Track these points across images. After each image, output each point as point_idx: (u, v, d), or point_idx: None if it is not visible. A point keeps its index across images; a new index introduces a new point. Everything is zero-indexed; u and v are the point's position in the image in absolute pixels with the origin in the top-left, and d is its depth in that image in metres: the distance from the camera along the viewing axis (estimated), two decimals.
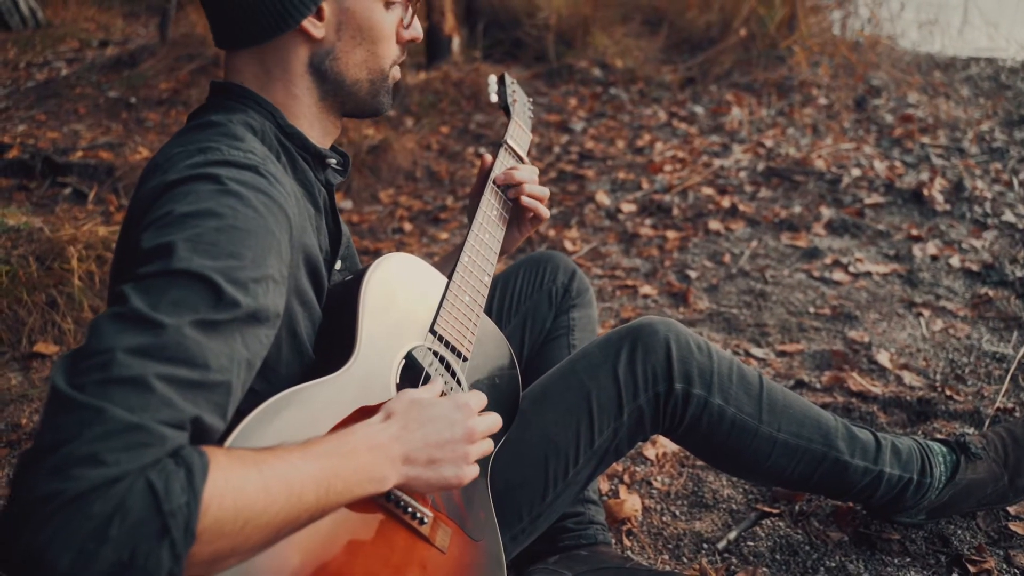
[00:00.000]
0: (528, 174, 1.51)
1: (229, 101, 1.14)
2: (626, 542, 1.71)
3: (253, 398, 0.95)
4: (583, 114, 5.01)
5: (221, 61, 5.04)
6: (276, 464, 0.82)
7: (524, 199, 1.49)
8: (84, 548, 0.67)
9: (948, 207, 3.28)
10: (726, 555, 1.66)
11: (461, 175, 4.25)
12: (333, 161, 1.25)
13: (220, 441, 0.87)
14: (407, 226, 3.69)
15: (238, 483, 0.77)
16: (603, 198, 3.70)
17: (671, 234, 3.28)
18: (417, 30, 1.26)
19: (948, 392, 2.10)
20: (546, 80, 5.61)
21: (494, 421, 1.11)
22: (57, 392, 0.73)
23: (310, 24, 1.12)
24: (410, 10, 1.24)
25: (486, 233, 1.44)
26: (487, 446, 1.10)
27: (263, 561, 0.87)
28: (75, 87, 5.19)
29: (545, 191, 1.53)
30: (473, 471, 1.06)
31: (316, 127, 1.21)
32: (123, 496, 0.69)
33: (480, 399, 1.11)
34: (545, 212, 1.53)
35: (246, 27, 1.11)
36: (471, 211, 1.51)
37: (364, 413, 1.04)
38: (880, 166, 3.71)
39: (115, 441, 0.71)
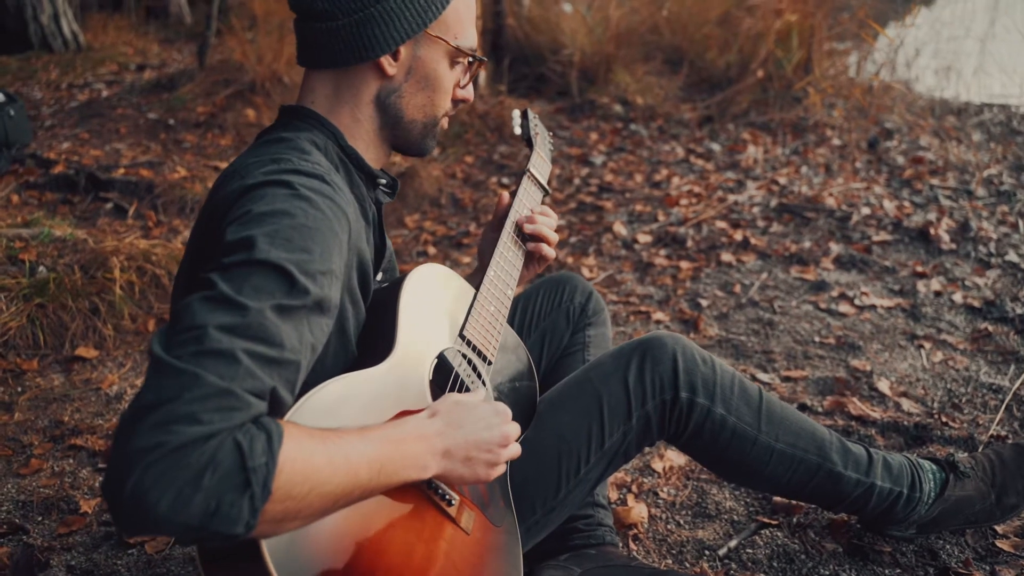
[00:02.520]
0: (547, 220, 1.63)
1: (296, 121, 1.29)
2: (632, 546, 1.82)
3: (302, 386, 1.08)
4: (603, 148, 5.17)
5: (258, 88, 5.25)
6: (338, 442, 0.94)
7: (527, 227, 1.59)
8: (182, 492, 0.78)
9: (954, 246, 3.40)
10: (726, 561, 1.76)
11: (484, 203, 4.40)
12: (383, 182, 1.39)
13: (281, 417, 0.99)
14: (431, 250, 3.84)
15: (307, 452, 0.89)
16: (620, 229, 3.83)
17: (684, 264, 3.41)
18: (470, 92, 1.41)
19: (944, 419, 2.20)
20: (568, 115, 5.78)
21: (519, 429, 1.24)
22: (158, 359, 0.84)
23: (386, 61, 1.27)
24: (468, 75, 1.39)
25: (510, 252, 1.58)
26: (516, 450, 1.22)
27: (319, 529, 0.98)
28: (116, 108, 5.42)
29: (554, 236, 1.63)
30: (500, 470, 1.19)
31: (371, 151, 1.35)
32: (215, 451, 0.80)
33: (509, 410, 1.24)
34: (549, 252, 1.63)
35: (330, 50, 1.25)
36: (486, 236, 1.66)
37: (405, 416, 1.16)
38: (889, 205, 3.83)
39: (210, 403, 0.82)
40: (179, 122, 5.14)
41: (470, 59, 1.36)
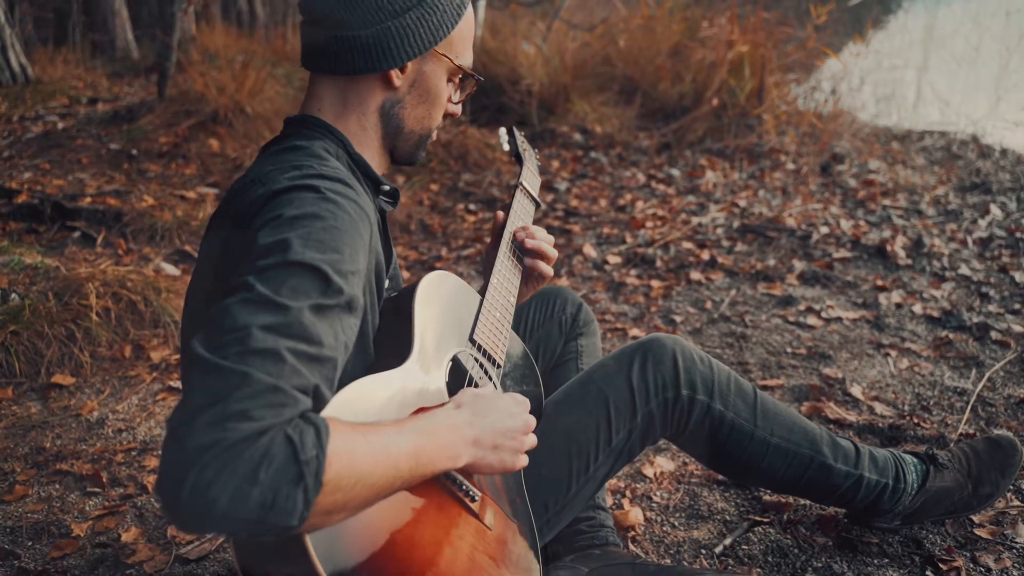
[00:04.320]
0: (545, 235, 1.69)
1: (306, 130, 1.32)
2: (632, 547, 1.86)
3: None
4: (566, 175, 5.28)
5: (220, 118, 5.25)
6: (378, 435, 0.97)
7: (528, 242, 1.64)
8: (240, 488, 0.80)
9: (909, 261, 3.56)
10: (723, 558, 1.82)
11: (453, 228, 4.45)
12: (387, 188, 1.43)
13: None
14: (405, 274, 3.87)
15: (352, 445, 0.92)
16: (590, 251, 3.92)
17: (655, 283, 3.50)
18: (459, 107, 1.47)
19: (916, 420, 2.30)
20: (530, 143, 5.86)
21: (535, 419, 1.29)
22: (205, 361, 0.86)
23: (395, 74, 1.31)
24: (459, 92, 1.45)
25: (509, 261, 1.63)
26: (534, 439, 1.27)
27: (355, 524, 1.00)
28: (76, 139, 5.35)
29: (553, 252, 1.66)
30: (524, 460, 1.23)
31: (376, 158, 1.39)
32: (269, 446, 0.82)
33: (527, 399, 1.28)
34: (547, 269, 1.67)
35: (343, 59, 1.29)
36: (489, 253, 1.70)
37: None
38: (846, 224, 3.99)
39: (260, 400, 0.84)
40: (142, 152, 5.10)
41: (463, 76, 1.42)
